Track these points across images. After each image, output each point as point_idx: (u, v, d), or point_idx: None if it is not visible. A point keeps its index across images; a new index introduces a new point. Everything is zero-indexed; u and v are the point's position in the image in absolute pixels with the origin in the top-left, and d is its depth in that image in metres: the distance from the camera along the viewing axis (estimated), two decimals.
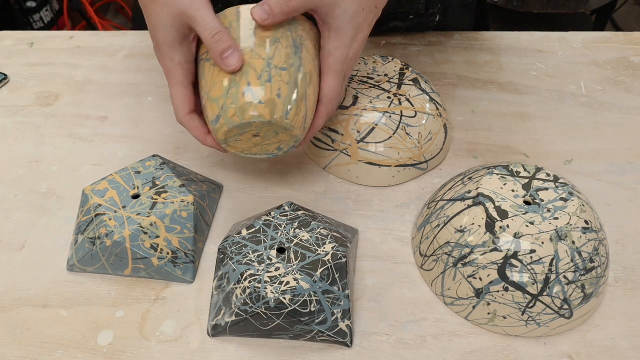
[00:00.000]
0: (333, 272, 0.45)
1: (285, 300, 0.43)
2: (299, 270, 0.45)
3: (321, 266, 0.45)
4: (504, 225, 0.46)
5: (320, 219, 0.50)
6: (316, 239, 0.47)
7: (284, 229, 0.48)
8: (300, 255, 0.46)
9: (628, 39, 0.81)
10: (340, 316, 0.46)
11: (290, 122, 0.46)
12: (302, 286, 0.44)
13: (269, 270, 0.45)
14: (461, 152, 0.64)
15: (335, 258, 0.46)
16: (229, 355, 0.47)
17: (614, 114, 0.69)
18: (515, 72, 0.75)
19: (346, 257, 0.46)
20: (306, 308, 0.44)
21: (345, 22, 0.47)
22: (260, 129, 0.47)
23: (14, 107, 0.72)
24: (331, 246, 0.46)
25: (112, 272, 0.52)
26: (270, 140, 0.49)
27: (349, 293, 0.46)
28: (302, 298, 0.44)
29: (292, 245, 0.47)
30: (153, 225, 0.50)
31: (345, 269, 0.46)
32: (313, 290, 0.44)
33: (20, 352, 0.47)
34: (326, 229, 0.48)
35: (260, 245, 0.47)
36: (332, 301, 0.45)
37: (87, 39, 0.84)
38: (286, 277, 0.44)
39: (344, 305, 0.46)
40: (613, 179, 0.61)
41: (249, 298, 0.44)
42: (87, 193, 0.53)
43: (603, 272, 0.48)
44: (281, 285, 0.44)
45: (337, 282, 0.45)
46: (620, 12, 1.96)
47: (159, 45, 0.48)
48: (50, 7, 1.89)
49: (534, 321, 0.46)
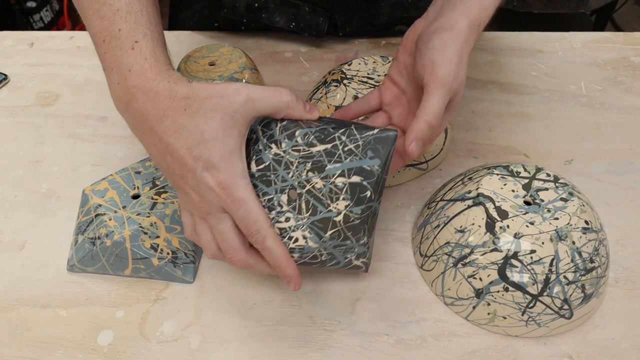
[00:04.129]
0: (344, 232, 0.43)
1: (293, 256, 0.43)
2: (308, 226, 0.42)
3: (331, 227, 0.42)
4: (504, 226, 0.46)
5: (339, 153, 0.43)
6: (329, 190, 0.42)
7: (295, 168, 0.43)
8: (312, 207, 0.42)
9: (628, 39, 0.81)
10: (353, 258, 0.45)
11: None
12: (310, 245, 0.43)
13: (278, 220, 0.43)
14: (461, 152, 0.64)
15: (347, 220, 0.42)
16: (229, 355, 0.47)
17: (614, 114, 0.69)
18: (515, 72, 0.75)
19: (360, 219, 0.43)
20: (316, 259, 0.44)
21: (459, 98, 0.46)
22: None
23: (14, 107, 0.72)
24: (344, 204, 0.42)
25: (112, 272, 0.52)
26: None
27: (364, 240, 0.44)
28: (311, 254, 0.43)
29: (303, 191, 0.43)
30: (153, 225, 0.50)
31: (359, 228, 0.43)
32: (322, 247, 0.43)
33: (20, 352, 0.47)
34: (343, 174, 0.42)
35: (271, 187, 0.43)
36: (345, 251, 0.44)
37: (87, 39, 0.82)
38: (295, 231, 0.42)
39: (358, 250, 0.44)
40: (613, 179, 0.61)
41: None
42: (87, 193, 0.53)
43: (603, 272, 0.48)
44: (290, 241, 0.42)
45: (349, 238, 0.43)
46: (620, 12, 1.96)
47: (217, 158, 0.39)
48: (50, 7, 1.89)
49: (534, 321, 0.46)
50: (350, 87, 0.60)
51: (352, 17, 0.77)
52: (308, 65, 0.77)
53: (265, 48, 0.80)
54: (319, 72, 0.75)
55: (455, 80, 0.43)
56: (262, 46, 0.80)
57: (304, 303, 0.50)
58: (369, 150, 0.42)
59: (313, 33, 0.76)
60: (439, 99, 0.43)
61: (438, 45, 0.44)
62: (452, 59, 0.43)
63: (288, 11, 0.75)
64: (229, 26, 0.82)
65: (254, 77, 0.62)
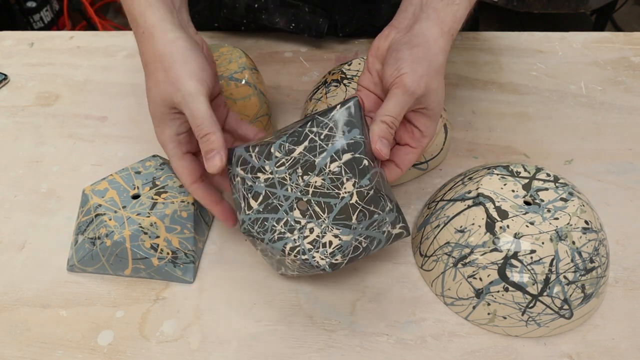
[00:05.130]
0: (367, 209, 0.43)
1: (338, 260, 0.43)
2: (332, 224, 0.42)
3: (353, 211, 0.42)
4: (504, 226, 0.46)
5: (319, 144, 0.43)
6: (330, 180, 0.43)
7: (290, 181, 0.43)
8: (325, 205, 0.43)
9: (628, 39, 0.81)
10: (390, 228, 0.45)
11: None
12: (345, 240, 0.42)
13: (305, 236, 0.43)
14: (461, 152, 0.64)
15: (362, 196, 0.42)
16: (229, 355, 0.47)
17: (614, 114, 0.69)
18: (515, 72, 0.75)
19: (373, 188, 0.42)
20: (359, 250, 0.43)
21: (436, 106, 0.47)
22: None
23: (14, 107, 0.72)
24: (351, 184, 0.42)
25: (112, 272, 0.52)
26: None
27: (390, 206, 0.44)
28: (351, 247, 0.43)
29: (309, 197, 0.43)
30: (153, 225, 0.50)
31: (377, 197, 0.43)
32: (357, 235, 0.43)
33: (20, 352, 0.47)
34: (334, 159, 0.42)
35: (280, 212, 0.44)
36: (378, 226, 0.44)
37: (87, 39, 0.84)
38: (325, 235, 0.42)
39: (390, 219, 0.44)
40: (613, 179, 0.61)
41: (303, 268, 0.43)
42: (87, 193, 0.53)
43: (603, 272, 0.48)
44: (325, 247, 0.42)
45: (375, 212, 0.43)
46: (620, 12, 1.96)
47: (152, 118, 0.48)
48: (50, 7, 1.89)
49: (534, 321, 0.46)
50: (350, 87, 0.60)
51: (352, 18, 0.77)
52: (308, 65, 0.77)
53: (265, 48, 0.80)
54: (319, 72, 0.75)
55: (418, 87, 0.44)
56: (262, 46, 0.80)
57: (304, 303, 0.50)
58: (342, 126, 0.43)
59: (313, 34, 0.76)
60: (397, 102, 0.44)
61: (407, 57, 0.45)
62: (418, 69, 0.44)
63: (288, 12, 0.75)
64: (229, 26, 0.82)
65: (254, 77, 0.62)
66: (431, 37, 0.46)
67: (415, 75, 0.44)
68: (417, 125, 0.47)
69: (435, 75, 0.45)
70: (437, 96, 0.46)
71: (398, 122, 0.45)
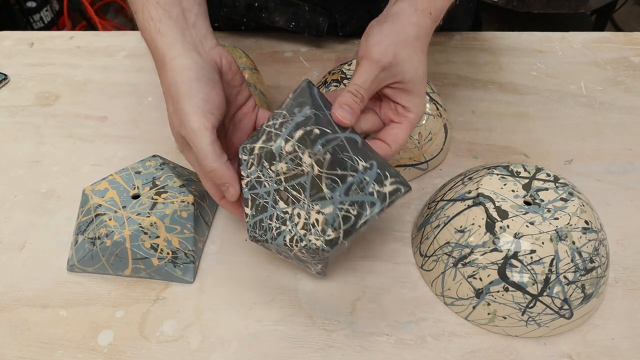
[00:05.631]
0: (334, 175, 0.42)
1: (332, 235, 0.41)
2: (311, 202, 0.42)
3: (320, 181, 0.41)
4: (504, 226, 0.46)
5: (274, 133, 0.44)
6: (291, 160, 0.43)
7: (263, 177, 0.45)
8: (299, 187, 0.42)
9: (628, 39, 0.81)
10: (377, 187, 0.42)
11: None
12: (330, 212, 0.41)
13: (295, 223, 0.43)
14: (461, 152, 0.64)
15: (321, 164, 0.41)
16: (229, 355, 0.47)
17: (614, 114, 0.69)
18: (515, 72, 0.75)
19: (328, 152, 0.41)
20: (350, 220, 0.41)
21: (412, 78, 0.46)
22: None
23: (14, 107, 0.72)
24: (307, 155, 0.42)
25: (112, 272, 0.52)
26: None
27: (365, 165, 0.43)
28: (338, 218, 0.41)
29: (284, 184, 0.43)
30: (153, 225, 0.50)
31: (340, 158, 0.42)
32: (340, 203, 0.41)
33: (20, 352, 0.47)
34: (288, 140, 0.43)
35: (269, 209, 0.45)
36: (361, 188, 0.42)
37: (87, 39, 0.84)
38: (310, 216, 0.42)
39: (370, 177, 0.42)
40: (613, 179, 0.61)
41: (310, 254, 0.43)
42: (87, 193, 0.53)
43: (603, 272, 0.48)
44: (315, 227, 0.42)
45: (345, 174, 0.42)
46: (620, 12, 1.96)
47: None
48: (50, 7, 1.89)
49: (534, 321, 0.46)
50: None
51: (352, 17, 0.77)
52: (308, 65, 0.77)
53: (265, 48, 0.80)
54: (319, 72, 0.75)
55: (383, 56, 0.44)
56: (262, 46, 0.80)
57: (304, 303, 0.50)
58: (294, 109, 0.44)
59: (313, 33, 0.76)
60: (362, 70, 0.45)
61: (376, 31, 0.46)
62: (384, 40, 0.45)
63: (288, 11, 0.75)
64: (228, 26, 0.82)
65: (254, 77, 0.62)
66: (403, 14, 0.46)
67: (381, 45, 0.44)
68: (398, 101, 0.47)
69: (405, 46, 0.45)
70: (411, 67, 0.45)
71: (365, 91, 0.45)
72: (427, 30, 0.47)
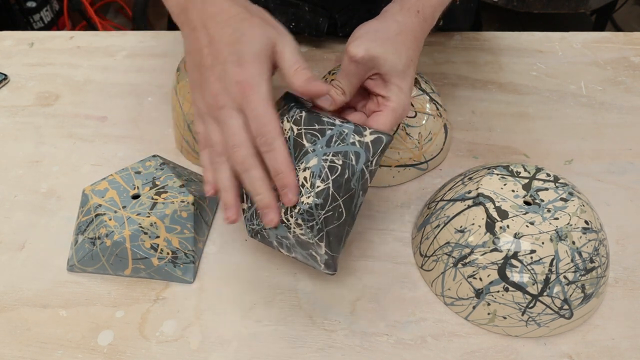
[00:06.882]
0: (310, 128, 0.43)
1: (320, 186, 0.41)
2: (298, 164, 0.42)
3: (300, 139, 0.42)
4: (504, 226, 0.46)
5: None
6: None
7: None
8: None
9: (628, 39, 0.81)
10: (358, 138, 0.42)
11: None
12: (315, 164, 0.41)
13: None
14: (461, 152, 0.64)
15: (298, 122, 0.43)
16: (229, 355, 0.47)
17: (614, 114, 0.69)
18: (515, 72, 0.75)
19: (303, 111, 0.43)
20: (336, 169, 0.41)
21: (390, 70, 0.47)
22: None
23: (14, 107, 0.72)
24: (285, 120, 0.43)
25: (112, 272, 0.52)
26: None
27: (340, 119, 0.43)
28: (325, 168, 0.41)
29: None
30: (153, 225, 0.50)
31: (314, 115, 0.43)
32: (323, 154, 0.41)
33: (20, 352, 0.47)
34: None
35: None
36: (341, 139, 0.42)
37: (87, 39, 0.84)
38: (298, 176, 0.42)
39: (348, 129, 0.42)
40: (613, 179, 0.61)
41: (307, 225, 0.42)
42: (87, 193, 0.53)
43: (603, 272, 0.48)
44: (304, 186, 0.41)
45: (323, 128, 0.42)
46: (620, 12, 1.96)
47: (239, 58, 0.43)
48: (50, 7, 1.89)
49: (534, 321, 0.46)
50: None
51: (352, 17, 0.77)
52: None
53: None
54: (319, 72, 0.75)
55: (357, 51, 0.45)
56: None
57: (304, 303, 0.50)
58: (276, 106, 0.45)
59: (313, 33, 0.76)
60: (342, 67, 0.46)
61: (360, 29, 0.47)
62: (363, 36, 0.46)
63: (288, 11, 0.75)
64: None
65: None
66: (389, 12, 0.48)
67: (355, 41, 0.46)
68: (377, 92, 0.48)
69: (383, 41, 0.46)
70: (386, 61, 0.46)
71: (344, 84, 0.46)
72: (413, 27, 0.48)
